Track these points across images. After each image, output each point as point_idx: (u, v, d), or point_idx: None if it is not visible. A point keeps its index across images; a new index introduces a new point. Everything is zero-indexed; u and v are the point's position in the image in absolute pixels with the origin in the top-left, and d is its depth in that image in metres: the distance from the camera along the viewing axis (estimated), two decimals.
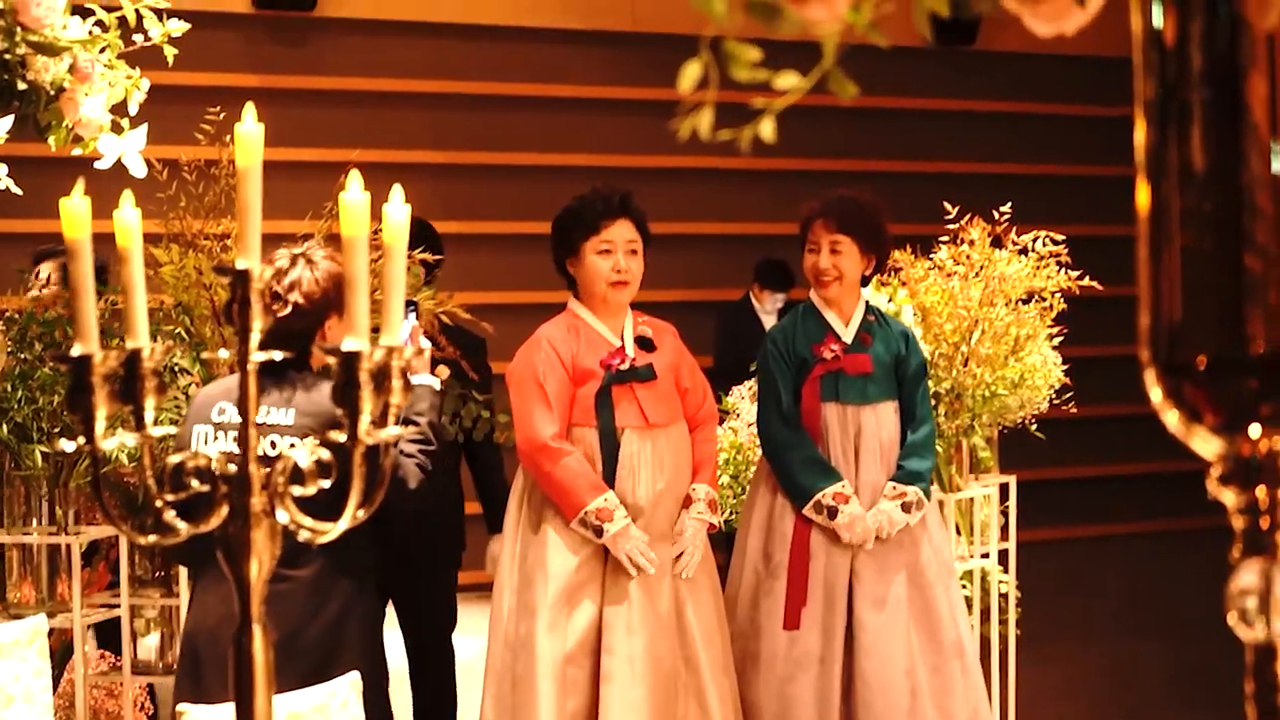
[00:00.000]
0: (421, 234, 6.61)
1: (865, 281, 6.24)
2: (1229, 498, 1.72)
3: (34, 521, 5.99)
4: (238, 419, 4.63)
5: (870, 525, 5.97)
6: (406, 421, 4.97)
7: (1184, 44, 1.67)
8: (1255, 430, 1.69)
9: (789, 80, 1.72)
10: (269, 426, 4.66)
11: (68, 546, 5.95)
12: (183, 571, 5.90)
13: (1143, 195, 1.72)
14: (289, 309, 4.71)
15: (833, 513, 5.96)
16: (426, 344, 5.19)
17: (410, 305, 5.36)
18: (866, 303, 6.23)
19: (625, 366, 5.79)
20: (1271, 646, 1.71)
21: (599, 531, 5.65)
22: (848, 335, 6.11)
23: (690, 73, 1.72)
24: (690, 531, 5.83)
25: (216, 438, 4.68)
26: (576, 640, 5.65)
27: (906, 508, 6.02)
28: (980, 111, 14.24)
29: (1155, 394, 1.73)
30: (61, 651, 6.39)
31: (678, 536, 5.82)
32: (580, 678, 5.65)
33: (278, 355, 2.26)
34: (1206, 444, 1.72)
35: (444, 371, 6.55)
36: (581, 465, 5.69)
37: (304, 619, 4.62)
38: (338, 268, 4.79)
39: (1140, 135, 1.72)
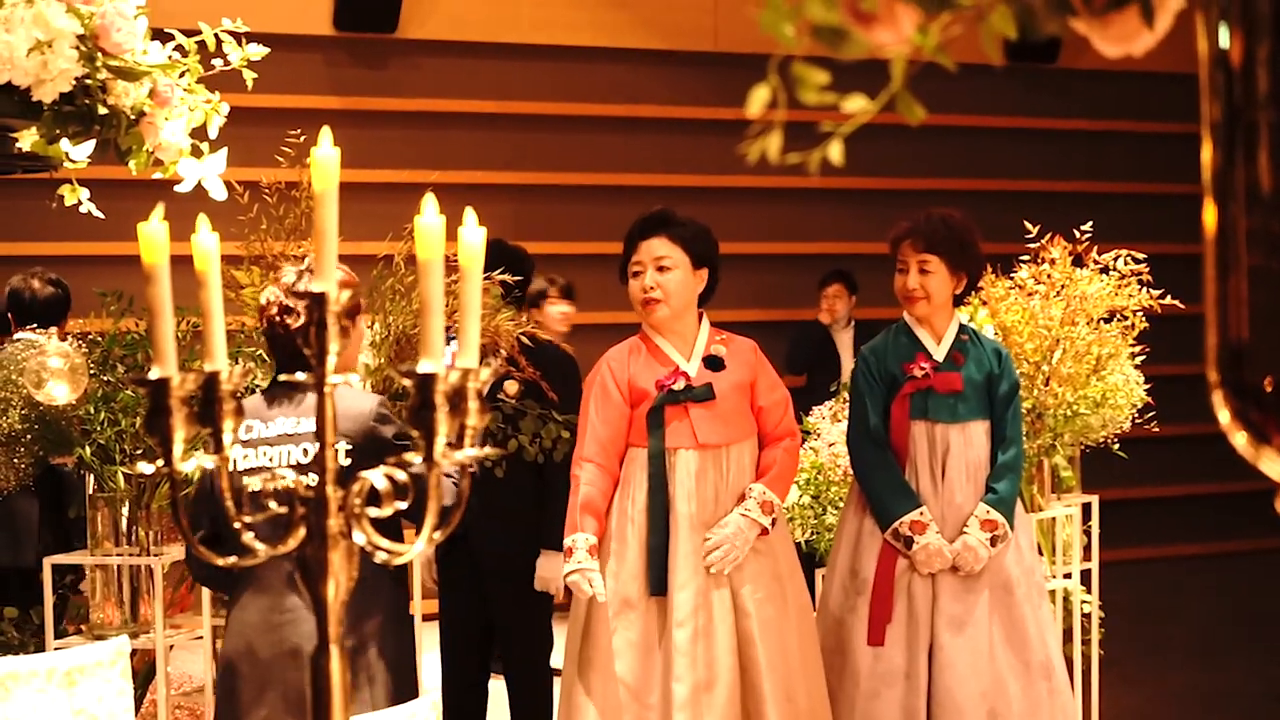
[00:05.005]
0: (503, 255, 6.61)
1: (958, 301, 6.18)
2: None
3: (117, 543, 6.04)
4: (265, 433, 4.71)
5: (949, 557, 5.94)
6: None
7: (1250, 66, 1.67)
8: None
9: (857, 103, 1.72)
10: None
11: (150, 568, 6.00)
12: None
13: (1209, 216, 1.72)
14: None
15: (909, 541, 5.94)
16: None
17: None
18: (960, 322, 6.20)
19: (679, 386, 5.76)
20: None
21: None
22: (939, 353, 6.07)
23: (758, 96, 1.73)
24: (731, 528, 5.70)
25: (246, 455, 4.73)
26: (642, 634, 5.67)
27: (995, 541, 5.98)
28: (1062, 130, 14.18)
29: (1223, 415, 1.72)
30: (145, 672, 6.44)
31: (718, 531, 5.73)
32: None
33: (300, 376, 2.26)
34: (1274, 465, 1.71)
35: (511, 388, 6.54)
36: (588, 496, 5.70)
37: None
38: None
39: (1207, 156, 1.72)
